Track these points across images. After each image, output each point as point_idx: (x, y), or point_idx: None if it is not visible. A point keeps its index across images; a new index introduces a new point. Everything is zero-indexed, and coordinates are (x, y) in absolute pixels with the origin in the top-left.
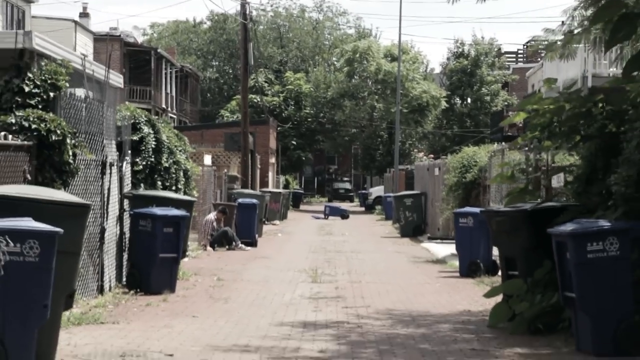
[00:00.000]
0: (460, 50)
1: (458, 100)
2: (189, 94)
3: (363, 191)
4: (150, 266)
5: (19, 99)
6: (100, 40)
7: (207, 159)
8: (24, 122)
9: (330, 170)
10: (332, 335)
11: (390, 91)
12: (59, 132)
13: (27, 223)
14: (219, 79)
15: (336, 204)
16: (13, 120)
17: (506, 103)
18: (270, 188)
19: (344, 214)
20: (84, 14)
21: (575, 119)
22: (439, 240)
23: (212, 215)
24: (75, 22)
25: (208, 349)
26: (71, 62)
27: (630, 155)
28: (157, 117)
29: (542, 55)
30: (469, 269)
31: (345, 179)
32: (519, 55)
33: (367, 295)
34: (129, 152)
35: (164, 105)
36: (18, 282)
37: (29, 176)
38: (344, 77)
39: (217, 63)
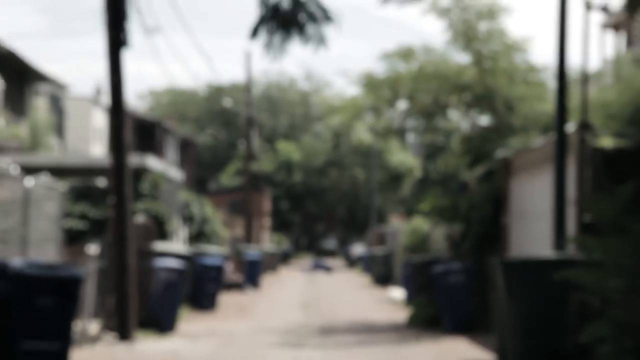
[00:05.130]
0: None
1: (432, 168)
2: (187, 159)
3: (346, 248)
4: (202, 294)
5: (139, 194)
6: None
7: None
8: (146, 209)
9: (317, 230)
10: (317, 326)
11: (370, 159)
12: (165, 214)
13: (173, 262)
14: (214, 146)
15: (322, 259)
16: (142, 207)
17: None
18: (266, 245)
19: (328, 268)
20: (98, 92)
21: (451, 209)
22: (401, 288)
23: (228, 266)
24: (93, 100)
25: (251, 330)
26: (164, 171)
27: (470, 230)
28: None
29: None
30: (410, 302)
31: (331, 237)
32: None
33: (338, 313)
34: (185, 222)
35: None
36: (171, 290)
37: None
38: (329, 147)
39: (212, 130)
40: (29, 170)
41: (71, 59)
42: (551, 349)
